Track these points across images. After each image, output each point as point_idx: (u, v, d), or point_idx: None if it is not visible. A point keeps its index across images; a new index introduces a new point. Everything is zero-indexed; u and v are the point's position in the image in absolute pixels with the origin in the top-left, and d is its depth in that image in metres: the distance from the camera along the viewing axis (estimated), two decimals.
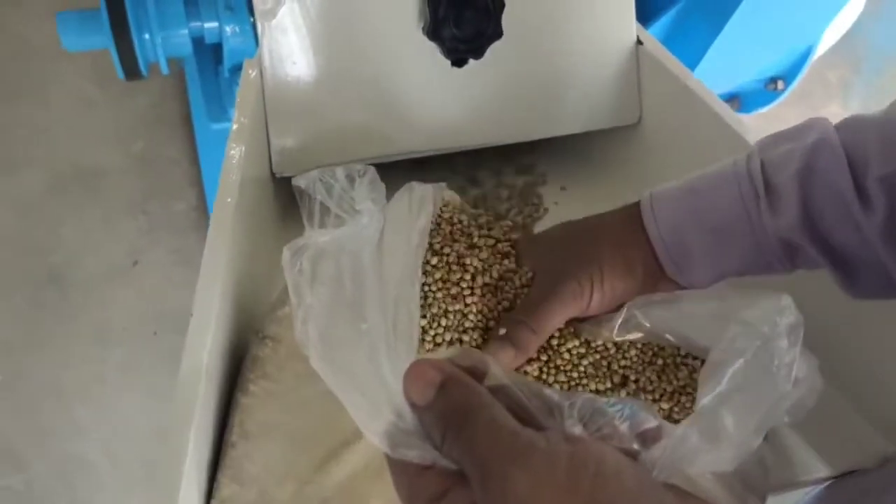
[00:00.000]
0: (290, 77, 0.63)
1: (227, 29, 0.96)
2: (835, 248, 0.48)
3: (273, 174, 0.66)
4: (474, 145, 0.69)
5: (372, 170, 0.50)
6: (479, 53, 0.65)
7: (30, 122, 1.46)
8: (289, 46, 0.63)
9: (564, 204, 0.73)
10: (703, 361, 0.52)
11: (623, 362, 0.52)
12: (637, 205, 0.54)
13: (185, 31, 0.96)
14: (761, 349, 0.44)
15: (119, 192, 1.44)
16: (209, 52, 1.06)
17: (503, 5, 0.64)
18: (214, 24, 0.97)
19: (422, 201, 0.53)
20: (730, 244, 0.50)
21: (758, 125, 1.41)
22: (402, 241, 0.51)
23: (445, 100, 0.67)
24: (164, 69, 0.98)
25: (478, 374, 0.35)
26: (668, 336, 0.52)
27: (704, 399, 0.44)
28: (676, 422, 0.50)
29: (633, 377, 0.51)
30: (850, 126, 0.48)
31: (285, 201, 0.70)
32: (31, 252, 1.37)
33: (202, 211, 1.42)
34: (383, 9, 0.64)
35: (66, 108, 1.47)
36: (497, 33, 0.65)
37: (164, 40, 0.95)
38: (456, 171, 0.76)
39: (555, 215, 0.72)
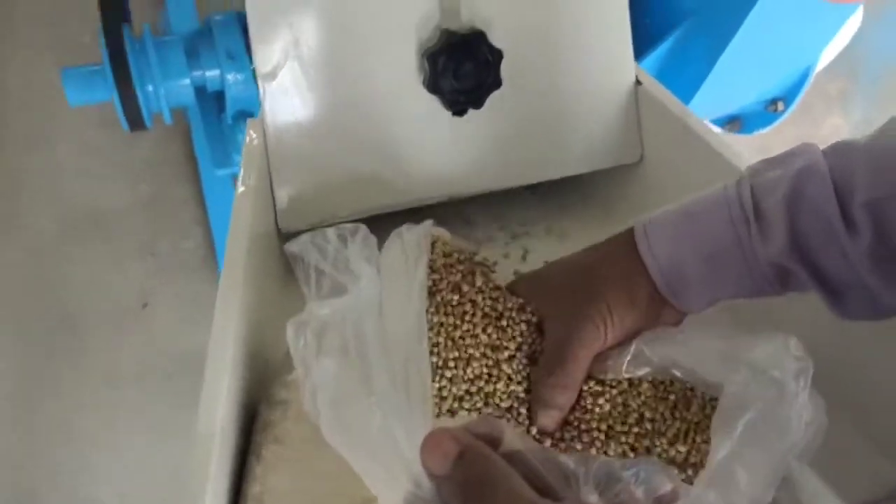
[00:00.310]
0: (293, 136, 0.64)
1: (229, 77, 0.97)
2: (823, 272, 0.48)
3: (279, 229, 0.66)
4: (479, 191, 0.69)
5: (363, 228, 0.50)
6: (478, 103, 0.65)
7: (39, 170, 1.47)
8: (291, 106, 0.63)
9: (569, 244, 0.74)
10: (712, 397, 0.52)
11: (638, 399, 0.52)
12: (630, 232, 0.54)
13: (188, 81, 0.98)
14: (773, 399, 0.45)
15: (128, 234, 1.45)
16: (212, 100, 1.07)
17: (501, 55, 0.64)
18: (216, 73, 0.98)
19: (417, 247, 0.53)
20: (724, 270, 0.51)
21: (758, 142, 1.42)
22: (403, 298, 0.51)
23: (447, 148, 0.68)
24: (168, 119, 0.99)
25: (494, 441, 0.35)
26: (675, 371, 0.52)
27: (718, 455, 0.44)
28: (693, 465, 0.50)
29: (648, 414, 0.51)
30: (838, 151, 0.49)
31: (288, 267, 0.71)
32: (43, 296, 1.38)
33: (210, 249, 1.43)
34: (383, 64, 0.64)
35: (74, 154, 1.49)
36: (496, 83, 0.65)
37: (167, 91, 0.97)
38: (454, 213, 0.76)
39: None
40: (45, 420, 1.31)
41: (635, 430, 0.51)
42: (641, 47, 1.15)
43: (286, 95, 0.63)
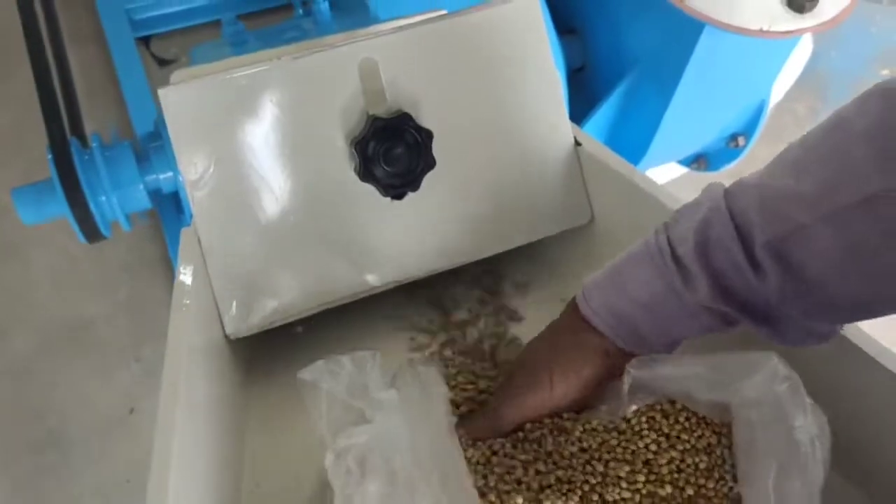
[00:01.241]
0: (229, 241, 0.63)
1: (181, 178, 0.96)
2: (751, 308, 0.49)
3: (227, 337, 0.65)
4: (428, 272, 0.68)
5: (378, 354, 0.50)
6: (415, 186, 0.64)
7: (13, 284, 1.47)
8: (222, 211, 0.62)
9: (532, 309, 0.72)
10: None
11: (643, 441, 0.53)
12: (574, 301, 0.57)
13: (141, 187, 0.97)
14: (788, 446, 0.45)
15: (109, 342, 1.44)
16: (171, 200, 1.07)
17: (431, 135, 0.64)
18: (169, 175, 0.98)
19: (435, 384, 0.53)
20: (666, 316, 0.52)
21: (732, 168, 1.41)
22: (429, 426, 0.50)
23: (391, 233, 0.66)
24: (126, 227, 0.99)
25: None
26: (673, 396, 0.54)
27: None
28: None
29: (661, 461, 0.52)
30: (735, 193, 0.49)
31: (245, 365, 0.69)
32: (27, 417, 1.36)
33: None
34: (314, 158, 0.64)
35: (48, 265, 1.48)
36: (430, 163, 0.64)
37: (121, 199, 0.96)
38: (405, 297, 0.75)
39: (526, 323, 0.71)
40: None
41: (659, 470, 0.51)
42: (593, 99, 1.15)
43: (216, 201, 0.62)
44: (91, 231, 0.95)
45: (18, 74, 1.54)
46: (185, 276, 0.60)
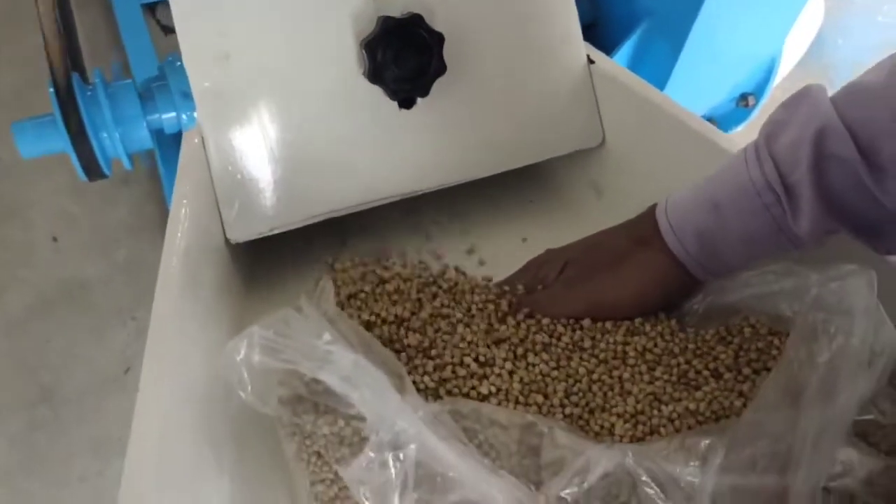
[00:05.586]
0: (234, 143, 0.62)
1: (184, 117, 0.95)
2: (860, 222, 0.48)
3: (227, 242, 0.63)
4: (433, 187, 0.66)
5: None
6: (425, 91, 0.63)
7: (11, 244, 1.45)
8: (228, 112, 0.61)
9: (537, 236, 0.70)
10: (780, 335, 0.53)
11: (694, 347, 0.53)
12: (653, 217, 0.55)
13: (144, 125, 0.95)
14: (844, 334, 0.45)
15: (106, 302, 1.42)
16: (173, 143, 1.05)
17: (442, 39, 0.62)
18: (172, 115, 0.96)
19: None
20: (759, 247, 0.52)
21: (736, 139, 1.40)
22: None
23: (398, 144, 0.65)
24: (127, 165, 0.97)
25: None
26: (746, 313, 0.54)
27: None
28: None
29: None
30: (854, 100, 0.47)
31: (246, 274, 0.68)
32: (21, 373, 1.34)
33: None
34: (322, 60, 0.62)
35: (47, 225, 1.47)
36: (441, 68, 0.63)
37: (123, 136, 0.94)
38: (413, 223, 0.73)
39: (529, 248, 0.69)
40: (32, 498, 1.26)
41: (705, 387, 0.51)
42: (604, 51, 1.14)
43: (222, 98, 0.61)
44: (92, 168, 0.94)
45: (27, 41, 1.54)
46: (186, 176, 0.59)
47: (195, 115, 0.95)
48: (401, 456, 0.43)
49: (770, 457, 0.43)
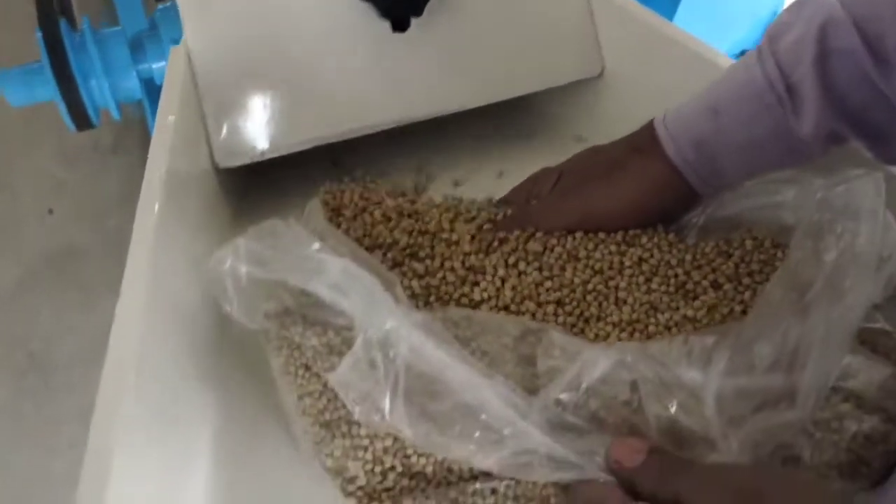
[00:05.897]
0: (221, 62, 0.60)
1: None
2: (863, 122, 0.46)
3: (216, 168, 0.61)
4: (427, 115, 0.65)
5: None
6: (418, 10, 0.61)
7: (0, 214, 1.44)
8: (216, 28, 0.59)
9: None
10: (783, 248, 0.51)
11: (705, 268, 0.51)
12: (651, 128, 0.53)
13: (133, 74, 0.94)
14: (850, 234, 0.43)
15: (95, 272, 1.40)
16: None
17: None
18: (162, 64, 0.95)
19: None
20: (760, 155, 0.50)
21: None
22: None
23: (391, 69, 0.63)
24: (116, 115, 0.95)
25: None
26: (747, 226, 0.52)
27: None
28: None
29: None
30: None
31: (234, 200, 0.66)
32: (8, 341, 1.32)
33: None
34: None
35: (36, 192, 1.45)
36: None
37: (112, 85, 0.93)
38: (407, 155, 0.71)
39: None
40: (21, 465, 1.24)
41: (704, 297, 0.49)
42: None
43: (210, 16, 0.59)
44: (80, 117, 0.92)
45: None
46: (171, 94, 0.57)
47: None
48: (391, 354, 0.41)
49: (776, 356, 0.41)
